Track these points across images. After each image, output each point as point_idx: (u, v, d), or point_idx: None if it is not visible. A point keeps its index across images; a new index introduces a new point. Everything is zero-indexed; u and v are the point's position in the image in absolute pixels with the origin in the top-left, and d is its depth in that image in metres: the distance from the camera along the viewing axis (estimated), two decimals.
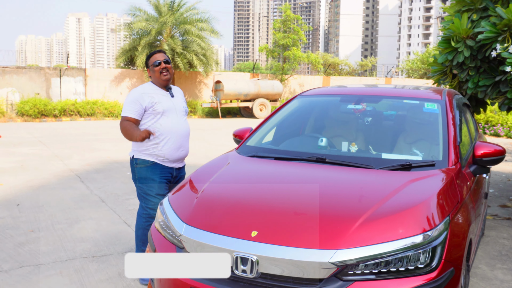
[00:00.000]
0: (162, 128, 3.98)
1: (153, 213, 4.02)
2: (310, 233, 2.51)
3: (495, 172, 9.53)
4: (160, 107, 3.98)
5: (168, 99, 4.08)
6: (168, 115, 4.01)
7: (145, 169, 4.02)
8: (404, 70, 51.30)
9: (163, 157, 4.00)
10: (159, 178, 4.03)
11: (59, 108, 20.45)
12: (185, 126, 4.15)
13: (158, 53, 4.10)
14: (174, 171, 4.14)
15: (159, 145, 3.98)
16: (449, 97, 4.08)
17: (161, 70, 4.03)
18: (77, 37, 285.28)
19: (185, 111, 4.19)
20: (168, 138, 4.00)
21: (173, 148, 4.02)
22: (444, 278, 2.47)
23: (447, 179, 3.06)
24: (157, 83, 4.10)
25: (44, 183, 7.67)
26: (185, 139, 4.14)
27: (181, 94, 4.30)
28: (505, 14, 5.12)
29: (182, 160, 4.22)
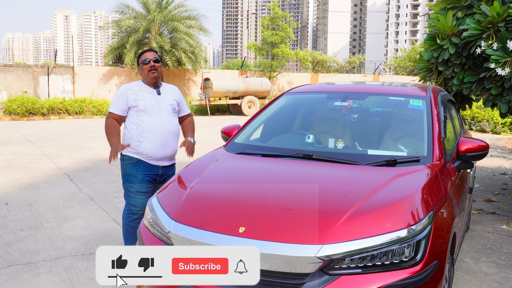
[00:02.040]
0: (145, 125, 4.01)
1: (134, 209, 4.08)
2: (297, 228, 2.55)
3: (481, 167, 9.65)
4: (143, 104, 4.01)
5: (153, 96, 4.09)
6: (151, 113, 4.02)
7: (130, 165, 4.07)
8: (391, 67, 51.59)
9: (147, 155, 4.03)
10: (141, 176, 4.05)
11: (47, 106, 20.32)
12: (171, 124, 4.13)
13: (149, 52, 4.14)
14: (160, 170, 4.14)
15: (142, 142, 4.01)
16: (434, 93, 4.14)
17: (150, 69, 4.06)
18: (65, 35, 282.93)
19: (172, 109, 4.16)
20: (150, 136, 4.02)
21: (156, 146, 4.03)
22: (428, 271, 2.52)
23: (432, 174, 3.12)
24: (146, 81, 4.14)
25: (32, 182, 7.65)
26: (171, 137, 4.13)
27: (172, 92, 4.28)
28: (489, 11, 5.19)
29: (169, 159, 4.21)
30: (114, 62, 25.71)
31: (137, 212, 4.10)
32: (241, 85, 23.65)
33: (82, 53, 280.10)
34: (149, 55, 4.12)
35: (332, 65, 54.39)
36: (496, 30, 5.20)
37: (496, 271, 4.36)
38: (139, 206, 4.09)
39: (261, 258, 2.46)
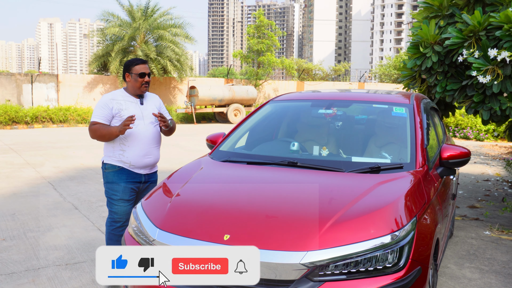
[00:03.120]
0: (128, 134, 3.99)
1: (117, 217, 4.07)
2: (281, 235, 2.56)
3: (464, 174, 9.76)
4: (126, 113, 3.98)
5: (136, 106, 4.07)
6: (134, 123, 3.96)
7: (112, 173, 4.05)
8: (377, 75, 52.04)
9: (129, 163, 4.02)
10: (124, 183, 4.04)
11: (31, 115, 20.10)
12: (153, 133, 4.12)
13: (143, 64, 4.08)
14: (142, 177, 4.14)
15: (125, 151, 4.01)
16: (417, 101, 4.19)
17: (144, 83, 4.04)
18: (49, 43, 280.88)
19: (154, 118, 4.13)
20: (133, 145, 4.01)
21: (139, 155, 4.03)
22: (411, 277, 2.54)
23: (415, 181, 3.16)
24: (132, 91, 4.10)
25: (16, 191, 7.56)
26: (153, 146, 4.12)
27: (154, 102, 4.25)
28: (470, 20, 5.27)
29: (151, 167, 4.21)
30: (99, 70, 25.59)
31: (119, 220, 4.08)
32: (227, 93, 23.67)
33: (66, 61, 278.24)
34: (144, 68, 4.06)
35: (317, 73, 54.71)
36: (477, 38, 5.28)
37: (479, 276, 4.41)
38: (122, 214, 4.07)
39: None
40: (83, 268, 4.44)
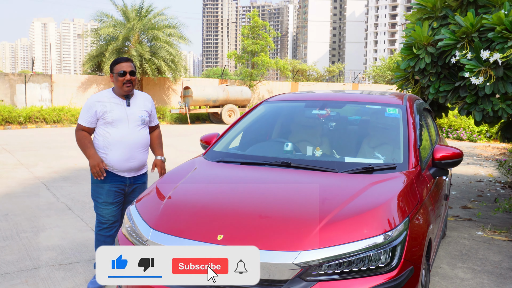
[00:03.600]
0: (111, 137, 3.90)
1: (102, 220, 4.03)
2: (275, 235, 2.57)
3: (457, 175, 9.81)
4: (110, 116, 3.89)
5: (122, 108, 3.95)
6: (117, 125, 3.90)
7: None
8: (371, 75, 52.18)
9: (112, 167, 3.95)
10: (108, 186, 3.97)
11: (24, 115, 20.01)
12: (138, 136, 4.01)
13: (125, 62, 3.93)
14: (127, 180, 4.05)
15: (107, 155, 3.92)
16: (410, 102, 4.22)
17: (125, 82, 3.90)
18: (43, 43, 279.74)
19: (141, 121, 4.02)
20: (116, 149, 3.91)
21: (121, 159, 3.94)
22: (404, 277, 2.56)
23: (407, 181, 3.17)
24: (117, 91, 3.98)
25: (9, 192, 7.53)
26: (138, 150, 4.01)
27: (144, 102, 4.12)
28: (463, 22, 5.31)
29: (137, 170, 4.10)
30: (93, 70, 25.54)
31: (105, 222, 4.04)
32: (221, 94, 23.67)
33: (60, 61, 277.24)
34: (126, 66, 3.91)
35: (312, 74, 54.80)
36: (470, 40, 5.32)
37: (472, 276, 4.43)
38: (107, 216, 4.02)
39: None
40: (77, 268, 4.44)
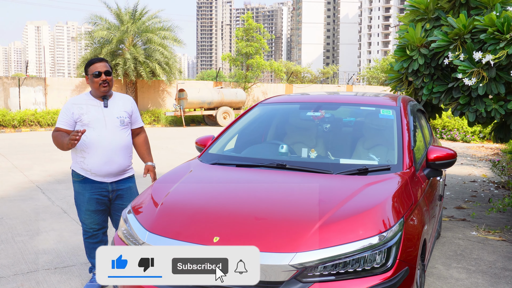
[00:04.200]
0: (88, 140, 3.76)
1: (86, 228, 3.97)
2: (270, 237, 2.58)
3: (452, 175, 9.85)
4: (86, 118, 3.77)
5: (99, 110, 3.83)
6: (94, 127, 3.77)
7: (77, 183, 3.91)
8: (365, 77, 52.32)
9: (90, 171, 3.82)
10: (89, 194, 3.87)
11: (18, 118, 19.95)
12: (118, 138, 3.86)
13: (99, 63, 3.83)
14: (109, 186, 3.90)
15: (85, 158, 3.80)
16: (404, 103, 4.24)
17: (101, 82, 3.78)
18: (36, 46, 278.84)
19: (120, 122, 3.87)
20: (93, 152, 3.78)
21: (99, 163, 3.79)
22: (399, 277, 2.57)
23: (402, 182, 3.19)
24: (94, 93, 3.87)
25: (3, 195, 7.51)
26: (117, 153, 3.85)
27: (124, 104, 3.98)
28: (456, 23, 5.35)
29: (117, 174, 3.93)
30: (85, 76, 25.42)
31: (88, 230, 3.98)
32: (216, 96, 23.68)
33: (54, 64, 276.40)
34: (100, 66, 3.80)
35: (306, 76, 54.88)
36: (462, 41, 5.36)
37: (466, 276, 4.46)
38: (90, 225, 3.96)
39: None
40: (72, 271, 4.43)
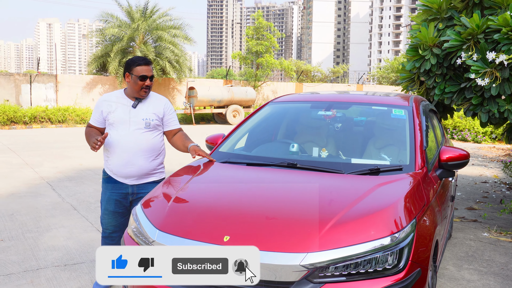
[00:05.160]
0: (111, 140, 3.72)
1: (103, 227, 3.93)
2: (281, 236, 2.56)
3: (463, 176, 9.77)
4: (112, 117, 3.72)
5: (126, 109, 3.73)
6: (117, 127, 3.71)
7: (103, 181, 3.91)
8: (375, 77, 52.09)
9: (112, 171, 3.79)
10: (109, 193, 3.83)
11: (29, 115, 20.09)
12: (139, 141, 3.72)
13: (146, 66, 3.71)
14: (129, 188, 3.80)
15: (109, 158, 3.79)
16: (416, 103, 4.20)
17: (144, 87, 3.71)
18: (48, 43, 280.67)
19: (145, 124, 3.74)
20: (114, 152, 3.74)
21: (119, 164, 3.74)
22: (411, 279, 2.54)
23: (414, 183, 3.16)
24: (131, 93, 3.77)
25: (14, 192, 7.55)
26: (137, 155, 3.72)
27: (155, 106, 3.84)
28: (469, 23, 5.29)
29: (139, 177, 3.80)
30: (98, 70, 25.61)
31: (104, 230, 3.92)
32: (226, 94, 23.68)
33: (65, 62, 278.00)
34: (147, 71, 3.70)
35: (316, 75, 54.73)
36: (475, 41, 5.30)
37: (478, 278, 4.42)
38: (106, 225, 3.89)
39: None
40: (82, 269, 4.44)
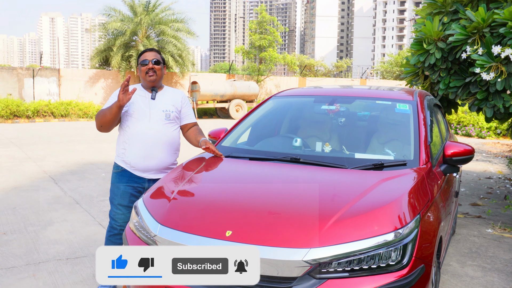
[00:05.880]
0: (130, 132, 3.67)
1: (114, 224, 3.76)
2: (284, 232, 2.54)
3: (467, 172, 9.73)
4: (131, 108, 3.67)
5: (145, 101, 3.72)
6: (138, 118, 3.66)
7: (115, 174, 3.78)
8: (378, 71, 51.95)
9: (129, 164, 3.69)
10: (123, 187, 3.72)
11: (32, 109, 20.09)
12: (161, 132, 3.70)
13: (149, 52, 3.76)
14: (146, 183, 3.74)
15: (126, 150, 3.70)
16: (420, 98, 4.16)
17: (147, 71, 3.69)
18: (50, 37, 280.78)
19: (165, 116, 3.73)
20: (134, 144, 3.67)
21: (139, 156, 3.66)
22: (415, 275, 2.52)
23: (418, 178, 3.13)
24: (143, 83, 3.79)
25: (16, 185, 7.55)
26: (157, 147, 3.70)
27: (173, 98, 3.85)
28: (474, 17, 5.23)
29: (157, 171, 3.76)
30: (100, 64, 25.60)
31: (116, 227, 3.78)
32: (228, 89, 23.64)
33: (68, 56, 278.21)
34: (149, 55, 3.74)
35: (319, 69, 54.63)
36: (481, 35, 5.24)
37: (482, 274, 4.39)
38: (119, 221, 3.75)
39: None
40: (84, 262, 4.43)
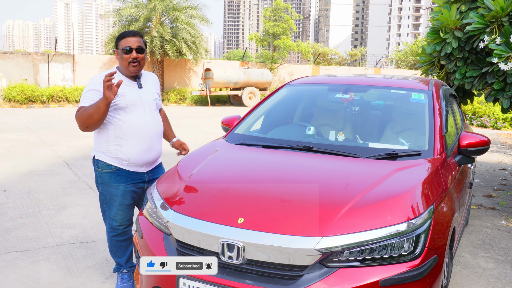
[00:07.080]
0: (126, 126, 3.31)
1: (116, 225, 3.48)
2: (296, 220, 2.54)
3: (481, 163, 9.64)
4: (123, 101, 3.29)
5: (135, 90, 3.37)
6: (132, 111, 3.33)
7: (108, 175, 3.39)
8: (393, 60, 51.49)
9: (128, 161, 3.36)
10: (124, 187, 3.41)
11: (47, 94, 20.26)
12: (156, 123, 3.48)
13: (132, 37, 3.34)
14: (145, 175, 3.52)
15: (122, 146, 3.33)
16: (436, 87, 4.12)
17: (131, 61, 3.32)
18: (65, 23, 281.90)
19: (156, 104, 3.51)
20: (133, 138, 3.34)
21: (139, 151, 3.37)
22: (427, 266, 2.51)
23: (432, 169, 3.10)
24: (123, 72, 3.40)
25: (31, 170, 7.63)
26: (156, 139, 3.49)
27: (154, 83, 3.58)
28: (493, 6, 5.15)
29: (153, 163, 3.56)
30: (114, 50, 25.62)
31: (118, 228, 3.50)
32: (242, 76, 23.59)
33: (82, 41, 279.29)
34: (132, 41, 3.32)
35: (333, 58, 54.31)
36: (499, 24, 5.16)
37: (494, 266, 4.36)
38: (121, 221, 3.49)
39: (260, 250, 2.46)
40: (97, 247, 4.48)
